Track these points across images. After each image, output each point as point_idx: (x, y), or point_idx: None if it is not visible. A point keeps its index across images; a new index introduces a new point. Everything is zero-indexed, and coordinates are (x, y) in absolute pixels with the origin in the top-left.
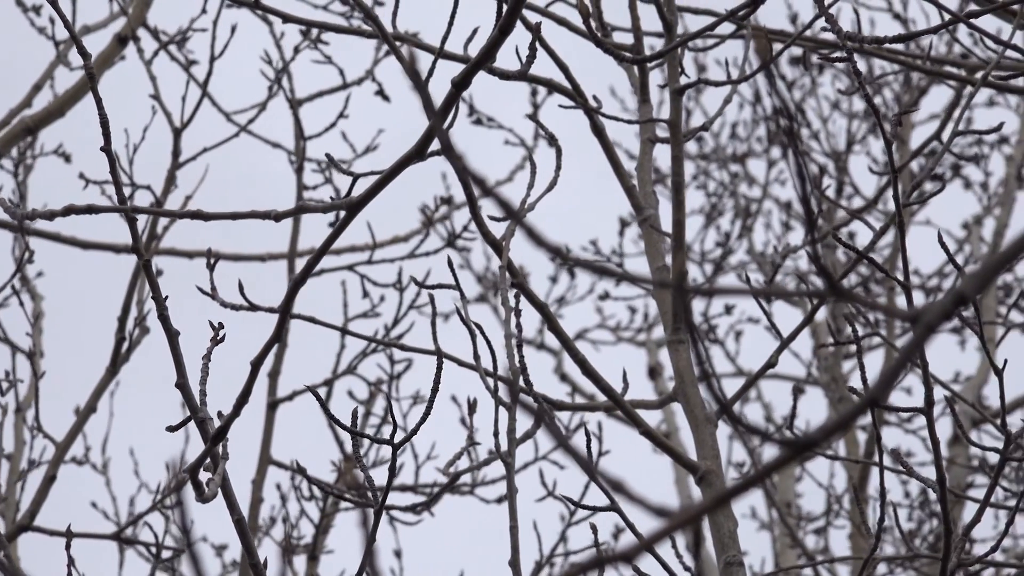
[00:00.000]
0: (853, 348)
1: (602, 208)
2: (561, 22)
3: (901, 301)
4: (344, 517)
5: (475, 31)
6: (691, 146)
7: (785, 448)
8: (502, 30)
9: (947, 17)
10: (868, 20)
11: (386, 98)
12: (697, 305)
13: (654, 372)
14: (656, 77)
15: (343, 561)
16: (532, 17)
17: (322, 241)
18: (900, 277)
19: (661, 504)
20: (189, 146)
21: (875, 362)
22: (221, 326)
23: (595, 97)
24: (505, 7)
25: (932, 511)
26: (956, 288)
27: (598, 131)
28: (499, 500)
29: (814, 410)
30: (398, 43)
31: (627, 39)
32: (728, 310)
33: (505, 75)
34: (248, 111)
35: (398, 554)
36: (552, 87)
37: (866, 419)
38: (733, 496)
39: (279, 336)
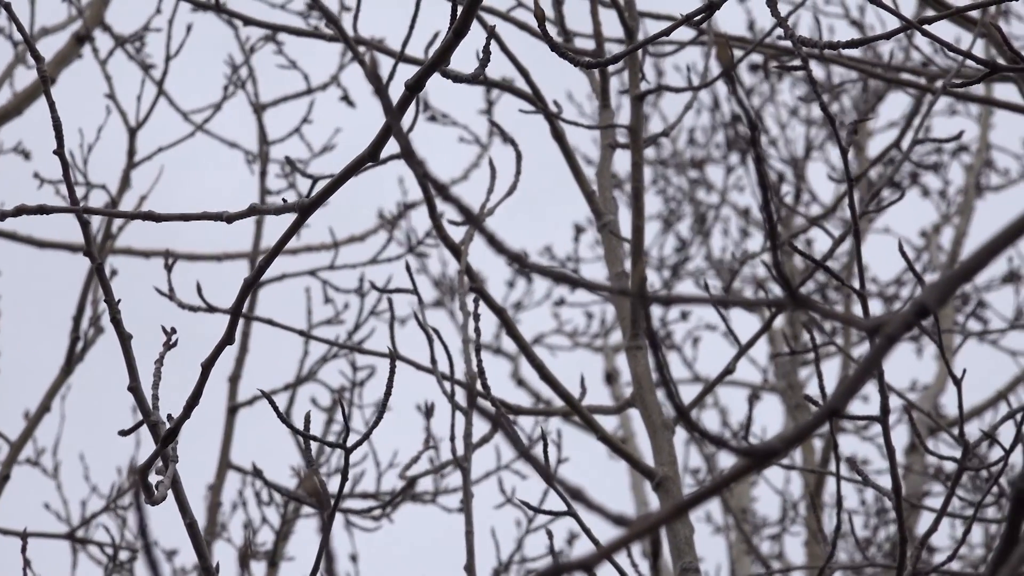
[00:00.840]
0: (810, 355)
1: (556, 212)
2: (521, 26)
3: (858, 309)
4: (305, 524)
5: (435, 35)
6: (649, 152)
7: (745, 458)
8: (456, 33)
9: (913, 24)
10: (827, 27)
11: (351, 103)
12: (655, 311)
13: (611, 378)
14: (617, 83)
15: (303, 568)
16: (505, 23)
17: (275, 243)
18: (857, 285)
19: (620, 513)
20: (150, 146)
21: (832, 369)
22: (174, 331)
23: (555, 102)
24: (459, 10)
25: (888, 519)
26: (918, 299)
27: (558, 136)
28: (460, 508)
29: (771, 416)
30: (360, 47)
31: (589, 44)
32: (684, 316)
33: (458, 79)
34: (206, 111)
35: (354, 558)
36: (510, 91)
37: (823, 427)
38: (692, 506)
39: (231, 338)
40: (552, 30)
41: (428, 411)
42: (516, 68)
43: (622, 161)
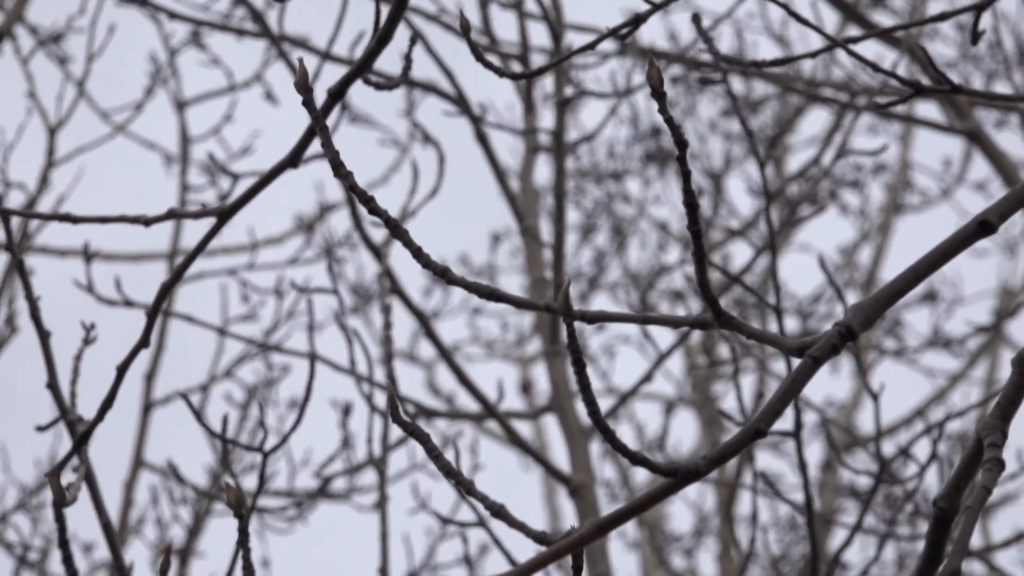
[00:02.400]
0: (726, 368)
1: (480, 217)
2: (448, 27)
3: (775, 325)
4: (220, 523)
5: (360, 35)
6: (568, 163)
7: (668, 477)
8: (380, 41)
9: (838, 43)
10: (751, 42)
11: (274, 101)
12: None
13: (527, 387)
14: (542, 89)
15: (217, 566)
16: (430, 24)
17: (194, 247)
18: (774, 301)
19: (541, 531)
20: (72, 145)
21: (748, 383)
22: (93, 326)
23: (480, 105)
24: (384, 17)
25: (802, 535)
26: (844, 321)
27: (482, 138)
28: (375, 506)
29: (685, 430)
30: (285, 44)
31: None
32: (601, 327)
33: (381, 87)
34: (126, 110)
35: (265, 563)
36: (435, 92)
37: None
38: (614, 525)
39: (146, 340)
40: (485, 38)
41: (345, 411)
42: (441, 70)
43: (546, 171)
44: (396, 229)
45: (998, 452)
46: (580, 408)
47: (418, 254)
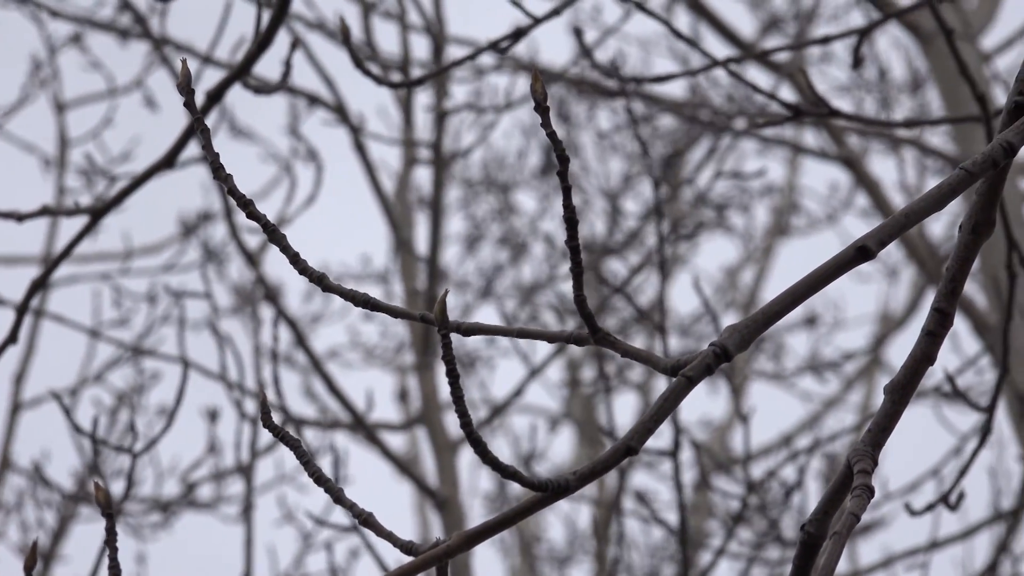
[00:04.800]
0: (608, 384)
1: (369, 227)
2: (332, 35)
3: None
4: (85, 528)
5: (240, 39)
6: (457, 174)
7: (538, 491)
8: (260, 45)
9: (719, 62)
10: (658, 65)
11: (154, 106)
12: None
13: (403, 396)
14: (423, 101)
15: (81, 571)
16: (312, 33)
17: (67, 243)
18: (659, 319)
19: (409, 541)
20: None
21: (629, 401)
22: None
23: (360, 114)
24: (265, 23)
25: (673, 554)
26: (719, 342)
27: (360, 148)
28: (242, 511)
29: (562, 446)
30: (167, 47)
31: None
32: (491, 340)
33: (259, 89)
34: (2, 111)
35: (141, 558)
36: (316, 101)
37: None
38: (482, 537)
39: (14, 337)
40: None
41: (212, 416)
42: (321, 79)
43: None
44: (274, 234)
45: (867, 479)
46: (449, 421)
47: (295, 260)
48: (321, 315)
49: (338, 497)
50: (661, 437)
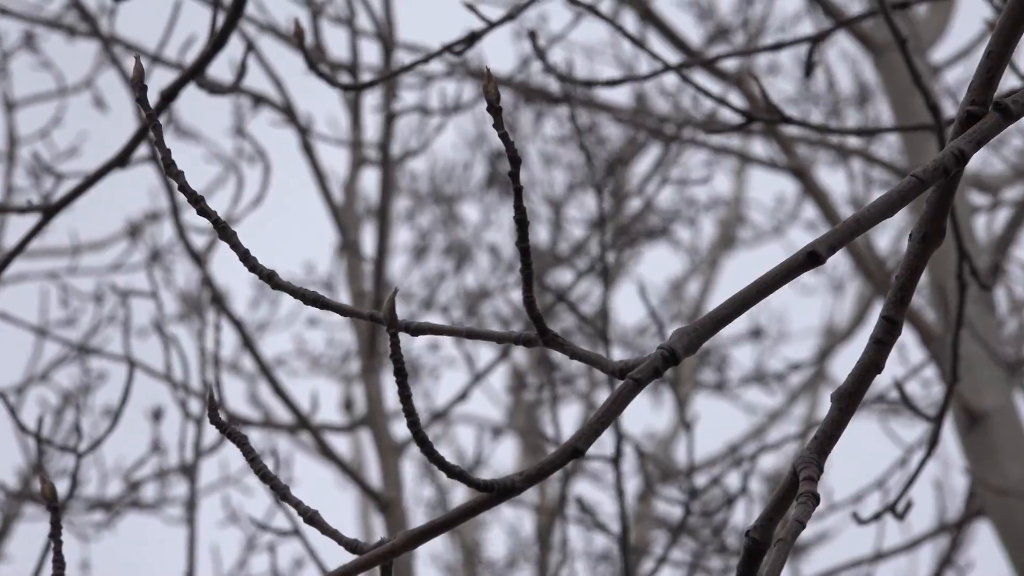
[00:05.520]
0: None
1: (314, 234)
2: (283, 38)
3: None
4: (28, 528)
5: (190, 40)
6: (404, 183)
7: (483, 492)
8: (215, 45)
9: (670, 67)
10: (605, 73)
11: (104, 107)
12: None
13: (348, 405)
14: (373, 104)
15: (25, 569)
16: (263, 35)
17: (17, 242)
18: (604, 328)
19: (353, 540)
20: None
21: (572, 414)
22: None
23: (308, 115)
24: (220, 23)
25: (614, 563)
26: (667, 345)
27: (308, 149)
28: (185, 510)
29: (506, 454)
30: (116, 47)
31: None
32: (432, 347)
33: (214, 89)
34: None
35: (85, 565)
36: (264, 102)
37: (564, 466)
38: (426, 537)
39: None
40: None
41: (156, 415)
42: (271, 80)
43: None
44: (224, 231)
45: (813, 486)
46: (393, 424)
47: (245, 257)
48: (267, 322)
49: (284, 494)
50: (604, 446)
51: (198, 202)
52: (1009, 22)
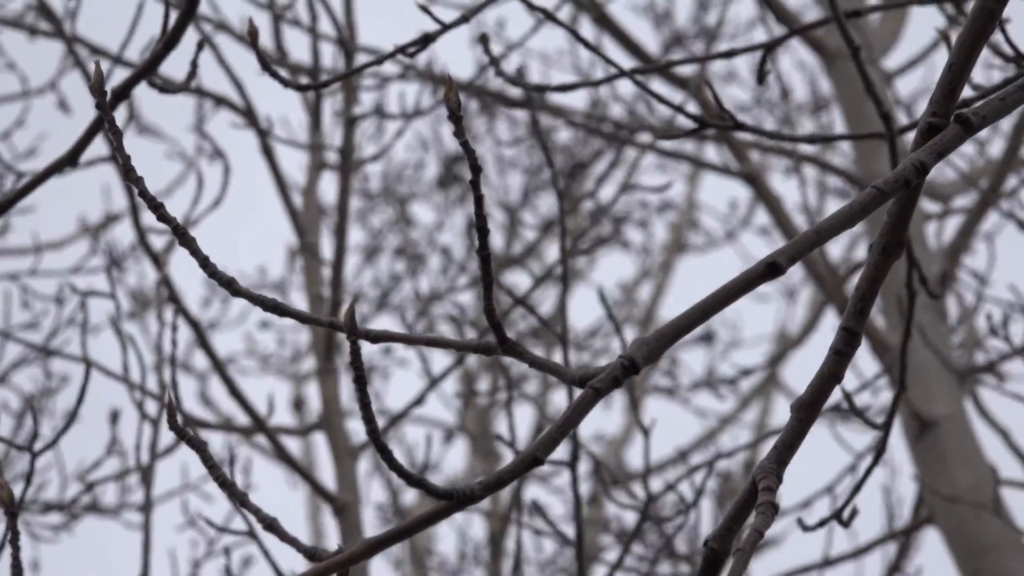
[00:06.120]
0: (504, 398)
1: (267, 238)
2: (240, 38)
3: (560, 356)
4: None
5: (151, 42)
6: (358, 184)
7: (443, 500)
8: (167, 44)
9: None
10: (559, 79)
11: (67, 110)
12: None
13: (299, 404)
14: (332, 107)
15: None
16: (220, 34)
17: None
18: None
19: (312, 547)
20: None
21: (525, 413)
22: None
23: (268, 118)
24: (172, 22)
25: (565, 568)
26: (627, 354)
27: (267, 152)
28: (140, 510)
29: (457, 458)
30: (78, 46)
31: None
32: (387, 350)
33: (165, 88)
34: None
35: (35, 566)
36: (223, 103)
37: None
38: (385, 545)
39: None
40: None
41: (113, 417)
42: (231, 81)
43: (334, 189)
44: (184, 237)
45: (772, 496)
46: (349, 427)
47: (204, 263)
48: (218, 321)
49: (243, 501)
50: (558, 450)
51: (158, 208)
52: (971, 35)
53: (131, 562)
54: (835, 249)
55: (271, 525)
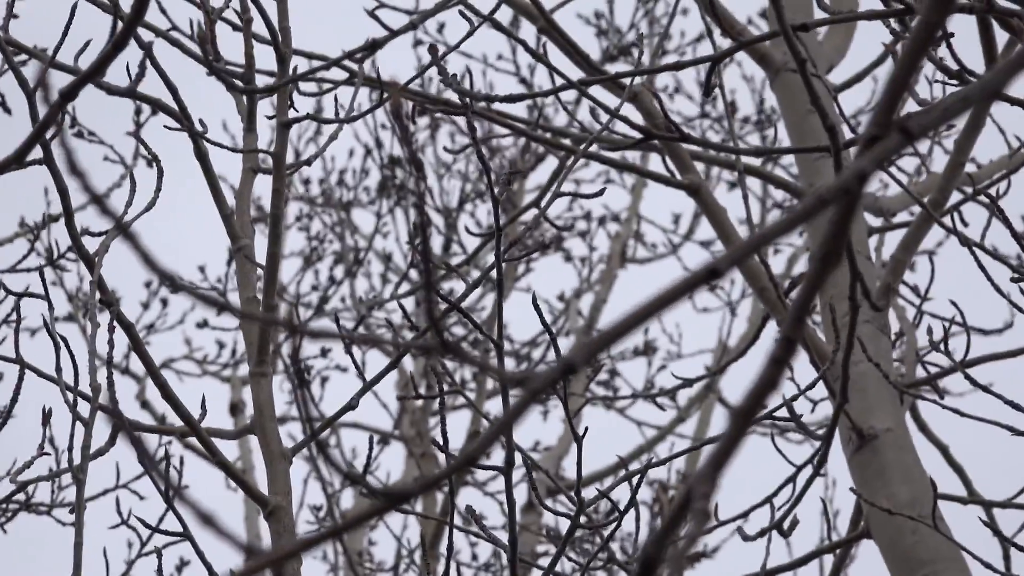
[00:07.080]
0: (438, 403)
1: (204, 244)
2: (175, 43)
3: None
4: None
5: (87, 43)
6: (298, 189)
7: (377, 498)
8: (115, 46)
9: (573, 84)
10: (503, 87)
11: (7, 110)
12: (291, 345)
13: (236, 409)
14: (268, 111)
15: None
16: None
17: None
18: (500, 338)
19: (248, 543)
20: None
21: (460, 420)
22: None
23: (201, 121)
24: (120, 24)
25: (500, 573)
26: (565, 356)
27: (201, 155)
28: (71, 512)
29: (395, 462)
30: (10, 50)
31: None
32: (324, 353)
33: (113, 91)
34: None
35: None
36: (160, 107)
37: (456, 474)
38: (318, 542)
39: None
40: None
41: (46, 417)
42: (165, 84)
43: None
44: (125, 231)
45: (707, 503)
46: (283, 429)
47: (147, 259)
48: (154, 324)
49: (181, 496)
50: (493, 456)
51: (100, 203)
52: (914, 47)
53: (65, 560)
54: (778, 263)
55: (209, 520)
